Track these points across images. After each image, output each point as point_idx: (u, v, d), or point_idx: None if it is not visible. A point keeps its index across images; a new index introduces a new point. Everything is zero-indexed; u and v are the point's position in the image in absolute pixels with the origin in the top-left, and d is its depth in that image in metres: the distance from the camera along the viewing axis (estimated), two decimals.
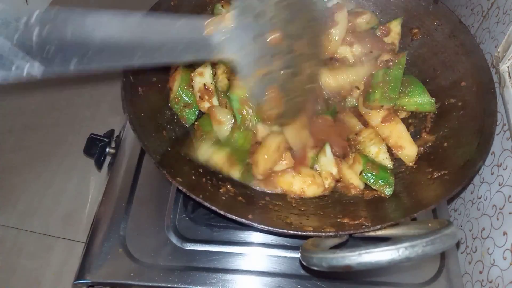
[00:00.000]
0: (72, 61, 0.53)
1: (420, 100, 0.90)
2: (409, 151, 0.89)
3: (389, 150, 0.91)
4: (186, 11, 1.02)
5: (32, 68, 0.50)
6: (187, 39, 0.66)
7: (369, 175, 0.83)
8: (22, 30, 0.49)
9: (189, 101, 0.93)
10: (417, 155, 0.89)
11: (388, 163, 0.89)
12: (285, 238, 0.87)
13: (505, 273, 0.78)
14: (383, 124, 0.90)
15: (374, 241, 0.59)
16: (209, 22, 0.67)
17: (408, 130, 0.92)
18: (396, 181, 0.85)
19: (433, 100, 0.90)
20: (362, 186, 0.86)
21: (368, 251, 0.56)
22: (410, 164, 0.89)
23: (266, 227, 0.71)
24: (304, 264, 0.63)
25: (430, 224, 0.67)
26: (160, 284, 0.80)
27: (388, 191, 0.82)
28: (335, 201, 0.85)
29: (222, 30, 0.67)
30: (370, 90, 0.91)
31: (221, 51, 0.69)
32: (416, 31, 1.02)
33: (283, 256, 0.85)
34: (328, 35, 0.94)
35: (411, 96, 0.91)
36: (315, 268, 0.62)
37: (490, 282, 0.82)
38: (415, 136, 0.93)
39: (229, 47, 0.69)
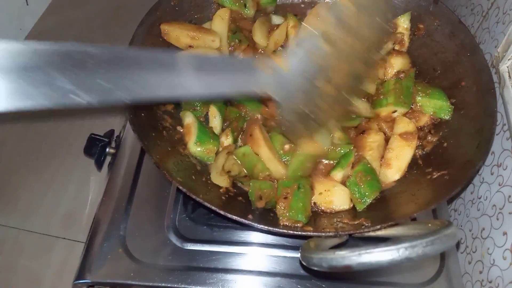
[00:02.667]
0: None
1: (439, 104, 0.90)
2: (391, 173, 0.86)
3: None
4: (186, 10, 1.02)
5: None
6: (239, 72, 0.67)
7: (353, 183, 0.81)
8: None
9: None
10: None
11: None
12: (285, 238, 0.87)
13: (505, 273, 0.78)
14: (399, 138, 0.88)
15: (374, 242, 0.59)
16: (260, 60, 0.68)
17: None
18: (395, 181, 0.85)
19: (452, 108, 0.90)
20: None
21: (368, 251, 0.56)
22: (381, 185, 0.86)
23: (265, 227, 0.71)
24: (304, 264, 0.63)
25: (430, 225, 0.67)
26: (160, 284, 0.80)
27: (359, 206, 0.80)
28: None
29: (275, 70, 0.67)
30: (382, 97, 0.92)
31: (267, 88, 0.68)
32: (415, 32, 1.02)
33: (283, 256, 0.85)
34: None
35: (431, 97, 0.91)
36: (315, 268, 0.62)
37: (490, 282, 0.82)
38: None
39: (277, 87, 0.69)
